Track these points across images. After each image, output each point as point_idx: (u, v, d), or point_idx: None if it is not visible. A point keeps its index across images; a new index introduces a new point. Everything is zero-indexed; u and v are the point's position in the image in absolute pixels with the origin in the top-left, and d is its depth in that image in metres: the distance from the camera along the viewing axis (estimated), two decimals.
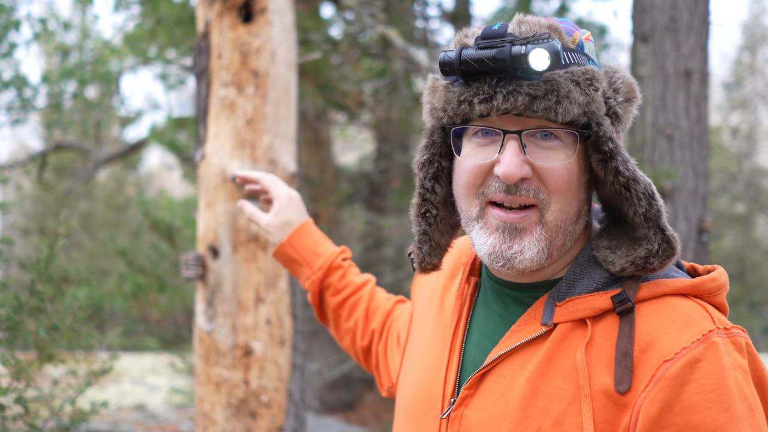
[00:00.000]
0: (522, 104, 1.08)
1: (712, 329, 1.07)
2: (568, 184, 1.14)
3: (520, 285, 1.23)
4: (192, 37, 6.04)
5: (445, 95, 1.17)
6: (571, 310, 1.14)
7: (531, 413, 1.11)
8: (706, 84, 6.04)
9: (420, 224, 1.29)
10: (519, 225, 1.15)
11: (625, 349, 1.07)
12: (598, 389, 1.08)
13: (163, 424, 7.29)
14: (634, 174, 1.13)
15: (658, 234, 1.13)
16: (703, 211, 5.87)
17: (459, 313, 1.30)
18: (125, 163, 13.67)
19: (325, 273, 1.72)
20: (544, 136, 1.13)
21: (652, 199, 1.13)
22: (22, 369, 2.74)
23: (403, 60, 6.33)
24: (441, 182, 1.27)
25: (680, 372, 1.04)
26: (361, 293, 1.72)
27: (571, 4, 12.05)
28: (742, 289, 12.16)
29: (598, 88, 1.12)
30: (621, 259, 1.14)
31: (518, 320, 1.19)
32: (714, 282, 1.15)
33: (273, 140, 3.36)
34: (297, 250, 1.74)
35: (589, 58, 1.17)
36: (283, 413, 3.35)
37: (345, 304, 1.71)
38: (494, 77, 1.10)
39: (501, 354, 1.17)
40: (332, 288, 1.72)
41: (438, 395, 1.24)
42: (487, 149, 1.15)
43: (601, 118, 1.13)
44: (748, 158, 15.40)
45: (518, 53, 1.06)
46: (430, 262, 1.31)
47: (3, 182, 4.63)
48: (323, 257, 1.74)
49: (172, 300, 6.64)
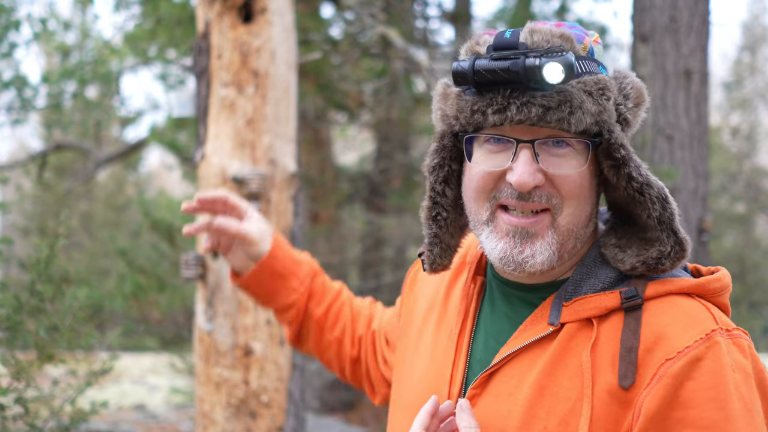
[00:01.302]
0: (536, 115, 1.09)
1: (714, 329, 1.09)
2: (581, 189, 1.15)
3: (527, 285, 1.24)
4: (192, 37, 6.04)
5: (457, 103, 1.17)
6: (578, 310, 1.15)
7: (538, 413, 1.12)
8: (706, 84, 6.04)
9: (431, 227, 1.30)
10: (531, 229, 1.15)
11: (630, 345, 1.09)
12: (601, 389, 1.09)
13: (163, 424, 7.29)
14: (647, 179, 1.14)
15: (671, 236, 1.15)
16: (703, 211, 5.87)
17: (465, 313, 1.30)
18: (125, 163, 13.67)
19: (312, 279, 1.64)
20: (556, 143, 1.14)
21: (666, 203, 1.15)
22: (22, 369, 2.74)
23: (403, 60, 6.33)
24: (451, 185, 1.28)
25: (682, 370, 1.05)
26: (342, 299, 1.67)
27: (571, 4, 12.05)
28: (742, 289, 12.16)
29: (610, 98, 1.13)
30: (632, 258, 1.15)
31: (526, 320, 1.20)
32: (718, 282, 1.16)
33: (273, 140, 3.36)
34: (282, 261, 1.60)
35: (599, 63, 1.19)
36: (283, 413, 3.35)
37: (329, 313, 1.63)
38: (507, 88, 1.10)
39: (508, 354, 1.17)
40: (316, 297, 1.63)
41: (444, 394, 1.25)
42: (500, 156, 1.16)
43: (612, 125, 1.14)
44: (748, 158, 15.39)
45: (532, 65, 1.06)
46: (440, 264, 1.32)
47: (3, 182, 4.63)
48: (305, 264, 1.64)
49: (172, 300, 6.64)
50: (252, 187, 3.26)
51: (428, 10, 8.56)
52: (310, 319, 1.63)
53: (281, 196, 3.39)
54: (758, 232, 15.44)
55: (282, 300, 1.61)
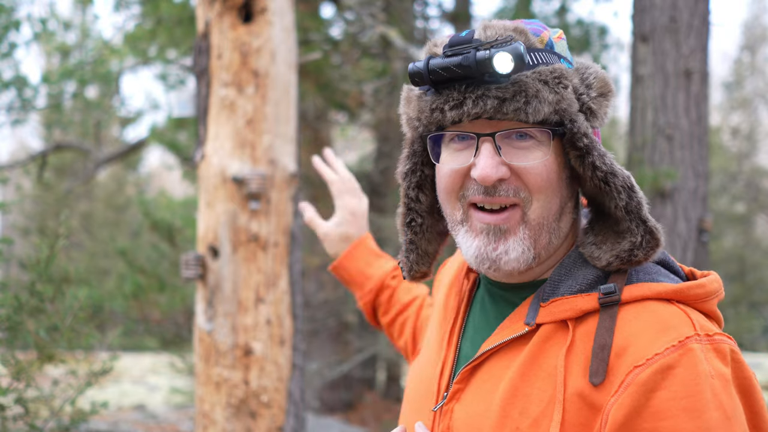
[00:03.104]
0: (492, 107, 1.10)
1: (690, 335, 1.05)
2: (548, 181, 1.15)
3: (510, 285, 1.25)
4: (192, 37, 6.05)
5: (418, 105, 1.18)
6: (554, 311, 1.15)
7: (511, 413, 1.12)
8: (706, 84, 6.04)
9: (406, 233, 1.32)
10: (503, 226, 1.16)
11: (603, 342, 1.08)
12: (573, 392, 1.08)
13: (163, 424, 7.29)
14: (611, 167, 1.14)
15: (641, 226, 1.14)
16: (703, 211, 5.88)
17: (457, 310, 1.32)
18: (125, 163, 13.67)
19: (375, 295, 1.78)
20: (519, 137, 1.14)
21: (632, 192, 1.14)
22: (22, 369, 2.74)
23: (403, 60, 6.33)
24: (425, 191, 1.29)
25: (650, 378, 1.02)
26: (407, 313, 1.75)
27: (571, 4, 12.05)
28: (742, 289, 12.16)
29: (567, 86, 1.13)
30: (606, 254, 1.15)
31: (505, 320, 1.21)
32: (702, 288, 1.13)
33: (273, 140, 3.36)
34: (349, 272, 1.79)
35: (561, 57, 1.18)
36: (283, 413, 3.35)
37: (395, 324, 1.76)
38: (462, 83, 1.11)
39: (486, 350, 1.18)
40: (382, 308, 1.78)
41: (434, 388, 1.27)
42: (463, 153, 1.17)
43: (574, 114, 1.14)
44: (748, 158, 15.40)
45: (483, 58, 1.07)
46: (418, 270, 1.33)
47: (3, 182, 4.63)
48: (373, 279, 1.78)
49: (172, 300, 6.65)
50: (252, 187, 3.26)
51: (428, 10, 8.57)
52: (382, 324, 1.81)
53: (281, 196, 3.39)
54: (758, 232, 15.44)
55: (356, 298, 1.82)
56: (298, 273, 3.47)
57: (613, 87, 1.21)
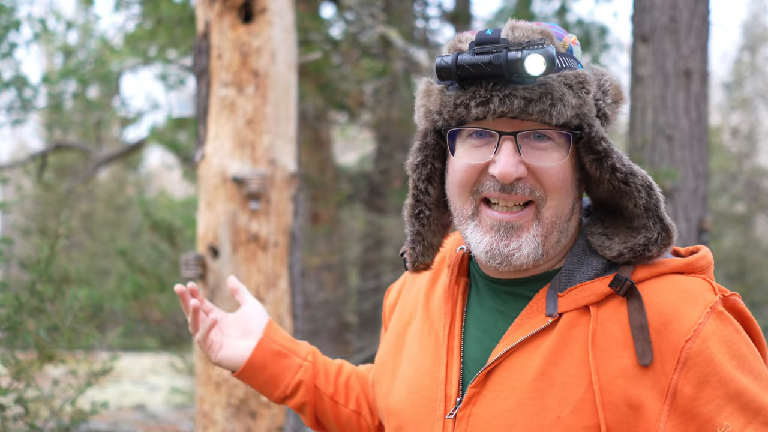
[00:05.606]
0: (518, 107, 1.12)
1: (716, 300, 1.13)
2: (563, 182, 1.18)
3: (516, 280, 1.25)
4: (192, 37, 6.04)
5: (440, 98, 1.19)
6: (575, 299, 1.17)
7: (548, 403, 1.13)
8: (706, 84, 6.03)
9: (413, 225, 1.32)
10: (516, 223, 1.18)
11: (640, 323, 1.12)
12: (613, 375, 1.11)
13: (163, 424, 7.29)
14: (631, 168, 1.18)
15: (658, 223, 1.18)
16: (703, 211, 5.87)
17: (452, 314, 1.31)
18: (125, 163, 13.67)
19: (315, 356, 1.58)
20: (537, 137, 1.17)
21: (651, 190, 1.18)
22: (22, 369, 2.74)
23: (403, 60, 6.33)
24: (434, 183, 1.30)
25: (703, 347, 1.09)
26: (346, 370, 1.61)
27: (571, 4, 12.06)
28: (742, 289, 12.14)
29: (589, 91, 1.16)
30: (619, 245, 1.19)
31: (520, 314, 1.21)
32: (704, 260, 1.21)
33: (273, 140, 3.36)
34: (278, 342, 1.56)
35: (578, 62, 1.22)
36: (283, 413, 3.35)
37: (338, 386, 1.57)
38: (490, 81, 1.13)
39: (507, 349, 1.19)
40: (321, 375, 1.57)
41: (438, 396, 1.25)
42: (482, 150, 1.18)
43: (592, 119, 1.18)
44: (748, 158, 15.39)
45: (515, 58, 1.09)
46: (422, 262, 1.33)
47: (3, 182, 4.63)
48: (304, 344, 1.59)
49: (172, 300, 6.64)
50: (252, 187, 3.26)
51: (428, 10, 8.57)
52: (322, 399, 1.56)
53: (281, 196, 3.39)
54: (758, 232, 15.43)
55: (289, 379, 1.53)
56: (298, 273, 3.47)
57: (625, 94, 1.25)
